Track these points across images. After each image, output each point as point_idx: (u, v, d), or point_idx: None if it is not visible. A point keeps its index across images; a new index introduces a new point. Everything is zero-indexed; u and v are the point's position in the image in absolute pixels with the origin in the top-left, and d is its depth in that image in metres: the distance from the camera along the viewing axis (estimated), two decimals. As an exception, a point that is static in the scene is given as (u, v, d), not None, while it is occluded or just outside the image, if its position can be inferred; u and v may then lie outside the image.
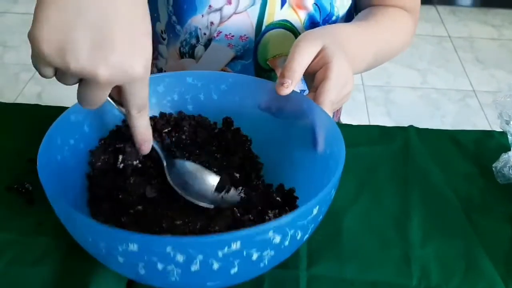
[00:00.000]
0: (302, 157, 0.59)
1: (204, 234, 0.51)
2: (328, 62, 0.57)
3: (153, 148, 0.55)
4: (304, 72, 0.59)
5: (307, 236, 0.48)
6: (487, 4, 2.80)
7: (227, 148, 0.63)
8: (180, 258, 0.40)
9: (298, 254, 0.56)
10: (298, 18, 0.74)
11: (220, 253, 0.40)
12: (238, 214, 0.53)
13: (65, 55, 0.40)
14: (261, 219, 0.54)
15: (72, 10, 0.40)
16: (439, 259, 0.58)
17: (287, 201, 0.57)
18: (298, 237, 0.46)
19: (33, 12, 0.41)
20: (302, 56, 0.57)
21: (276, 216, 0.55)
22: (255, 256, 0.42)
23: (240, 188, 0.59)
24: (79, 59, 0.40)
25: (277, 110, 0.61)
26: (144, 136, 0.51)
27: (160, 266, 0.41)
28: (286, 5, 0.73)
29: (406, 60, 2.36)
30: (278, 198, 0.57)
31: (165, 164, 0.56)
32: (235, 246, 0.40)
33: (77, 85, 0.45)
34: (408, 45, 0.81)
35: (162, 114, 0.63)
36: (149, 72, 0.45)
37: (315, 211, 0.45)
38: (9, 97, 2.09)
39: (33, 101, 1.61)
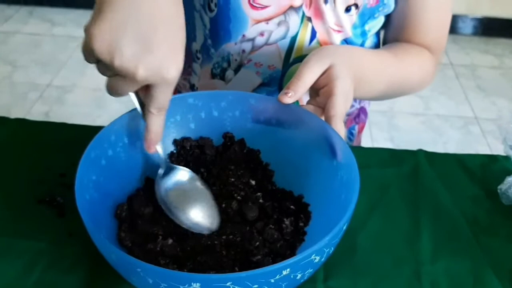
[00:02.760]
0: (307, 164, 0.62)
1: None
2: (334, 80, 0.61)
3: None
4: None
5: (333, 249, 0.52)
6: (488, 33, 2.82)
7: (237, 160, 0.66)
8: None
9: (315, 268, 0.59)
10: None
11: (272, 280, 0.45)
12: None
13: (112, 53, 0.46)
14: (279, 227, 0.58)
15: (124, 16, 0.46)
16: (448, 275, 0.60)
17: (300, 208, 0.61)
18: (331, 251, 0.51)
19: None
20: (308, 75, 0.61)
21: (292, 223, 0.59)
22: (299, 276, 0.48)
23: (259, 194, 0.62)
24: (124, 58, 0.46)
25: (277, 121, 0.64)
26: (155, 135, 0.55)
27: None
28: (315, 41, 0.77)
29: (409, 86, 2.40)
30: (292, 207, 0.61)
31: (161, 172, 0.59)
32: (286, 272, 0.45)
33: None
34: (427, 83, 0.83)
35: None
36: (178, 78, 0.51)
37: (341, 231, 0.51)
38: (17, 116, 2.09)
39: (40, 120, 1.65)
